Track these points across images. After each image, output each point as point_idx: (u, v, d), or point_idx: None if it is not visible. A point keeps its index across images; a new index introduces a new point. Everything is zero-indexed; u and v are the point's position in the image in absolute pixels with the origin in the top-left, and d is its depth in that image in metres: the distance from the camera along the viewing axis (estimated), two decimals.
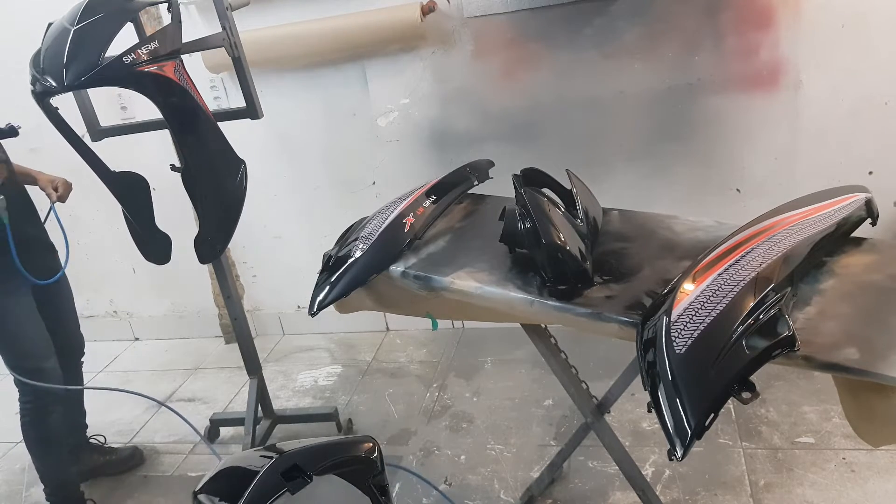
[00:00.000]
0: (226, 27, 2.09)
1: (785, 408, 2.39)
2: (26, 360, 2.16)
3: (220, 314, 3.46)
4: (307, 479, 1.26)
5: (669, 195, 2.73)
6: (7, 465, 2.77)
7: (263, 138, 2.97)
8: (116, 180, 2.10)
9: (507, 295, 1.53)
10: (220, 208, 2.14)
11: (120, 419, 2.96)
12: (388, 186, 2.96)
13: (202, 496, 1.31)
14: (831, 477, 2.08)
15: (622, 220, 1.79)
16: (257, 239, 3.25)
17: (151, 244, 2.22)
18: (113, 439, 2.74)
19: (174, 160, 2.14)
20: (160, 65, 1.88)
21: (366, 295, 1.75)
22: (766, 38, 2.48)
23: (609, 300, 1.45)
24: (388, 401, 2.82)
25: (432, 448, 2.49)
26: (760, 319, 1.18)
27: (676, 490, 2.12)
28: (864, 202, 1.51)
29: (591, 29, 2.58)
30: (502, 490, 2.25)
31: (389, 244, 1.71)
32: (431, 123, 2.87)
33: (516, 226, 1.59)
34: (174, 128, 2.01)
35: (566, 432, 2.39)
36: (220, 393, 3.08)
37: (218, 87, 2.96)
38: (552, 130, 2.76)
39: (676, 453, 1.11)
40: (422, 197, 1.84)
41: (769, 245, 1.33)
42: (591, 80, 2.65)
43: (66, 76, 1.76)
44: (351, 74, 2.85)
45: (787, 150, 2.61)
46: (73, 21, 1.80)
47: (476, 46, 2.70)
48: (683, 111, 2.64)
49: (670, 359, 1.16)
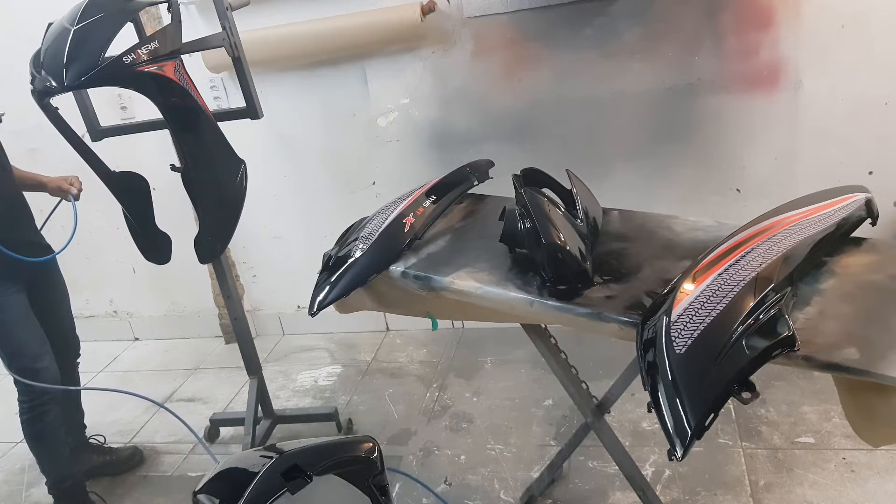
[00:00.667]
0: (226, 27, 2.09)
1: (785, 408, 2.39)
2: (22, 359, 2.16)
3: (220, 314, 3.46)
4: (307, 479, 1.26)
5: (669, 195, 2.73)
6: (7, 465, 2.77)
7: (263, 138, 2.97)
8: (116, 180, 2.10)
9: (507, 295, 1.53)
10: (220, 208, 2.14)
11: (120, 419, 2.96)
12: (388, 186, 2.96)
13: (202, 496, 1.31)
14: (831, 477, 2.08)
15: (622, 220, 1.79)
16: (257, 239, 3.25)
17: (151, 244, 2.22)
18: (113, 439, 2.74)
19: (174, 160, 2.14)
20: (160, 65, 1.88)
21: (366, 295, 1.75)
22: (766, 38, 2.48)
23: (609, 300, 1.45)
24: (388, 401, 2.82)
25: (432, 448, 2.49)
26: (760, 319, 1.18)
27: (676, 490, 2.12)
28: (864, 202, 1.51)
29: (591, 29, 2.58)
30: (502, 490, 2.25)
31: (389, 244, 1.71)
32: (431, 123, 2.87)
33: (516, 226, 1.59)
34: (174, 128, 2.01)
35: (566, 432, 2.40)
36: (220, 393, 3.08)
37: (218, 87, 2.96)
38: (552, 130, 2.76)
39: (676, 453, 1.11)
40: (422, 197, 1.84)
41: (769, 245, 1.33)
42: (591, 80, 2.65)
43: (66, 76, 1.75)
44: (351, 74, 2.85)
45: (787, 150, 2.61)
46: (73, 21, 1.80)
47: (476, 46, 2.70)
48: (683, 111, 2.64)
49: (670, 359, 1.16)
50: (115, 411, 3.00)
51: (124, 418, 2.97)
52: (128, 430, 2.89)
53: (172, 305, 3.58)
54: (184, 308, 3.57)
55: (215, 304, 3.46)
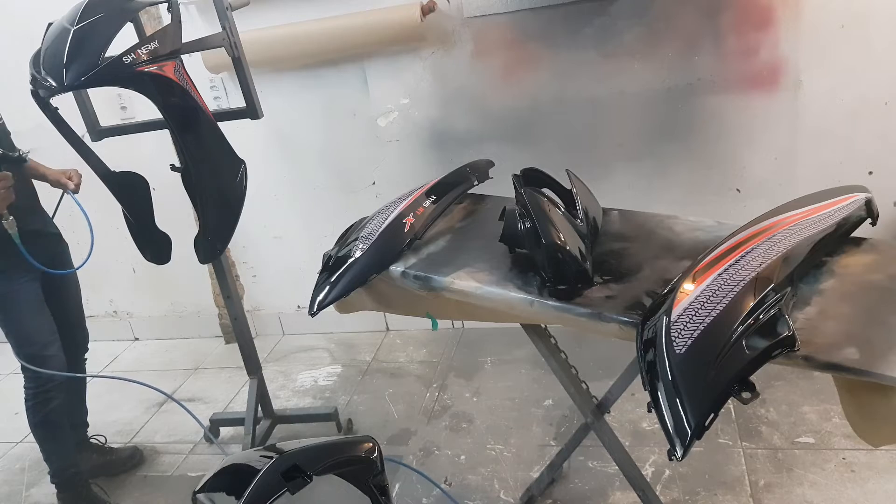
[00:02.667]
0: (226, 27, 2.09)
1: (785, 408, 2.39)
2: (30, 346, 2.20)
3: (220, 314, 3.46)
4: (307, 479, 1.26)
5: (669, 195, 2.73)
6: (7, 465, 2.77)
7: (263, 138, 2.97)
8: (116, 180, 2.10)
9: (507, 295, 1.53)
10: (220, 208, 2.14)
11: (120, 419, 2.96)
12: (388, 186, 2.96)
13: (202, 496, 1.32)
14: (831, 477, 2.08)
15: (622, 220, 1.79)
16: (257, 239, 3.25)
17: (151, 244, 2.22)
18: (113, 439, 2.74)
19: (174, 160, 2.14)
20: (160, 65, 1.87)
21: (366, 295, 1.75)
22: (766, 38, 2.48)
23: (609, 300, 1.45)
24: (388, 401, 2.82)
25: (432, 448, 2.49)
26: (760, 319, 1.18)
27: (676, 490, 2.12)
28: (864, 202, 1.51)
29: (591, 29, 2.58)
30: (502, 490, 2.25)
31: (389, 244, 1.71)
32: (431, 123, 2.87)
33: (516, 226, 1.58)
34: (174, 128, 2.01)
35: (566, 432, 2.39)
36: (220, 393, 3.08)
37: (218, 87, 2.96)
38: (552, 130, 2.76)
39: (676, 453, 1.11)
40: (422, 197, 1.84)
41: (769, 245, 1.33)
42: (591, 80, 2.65)
43: (66, 76, 1.75)
44: (351, 74, 2.85)
45: (787, 150, 2.61)
46: (73, 21, 1.80)
47: (476, 46, 2.70)
48: (683, 111, 2.64)
49: (670, 359, 1.16)
50: (115, 411, 3.00)
51: (124, 418, 2.97)
52: (128, 430, 2.89)
53: (172, 305, 3.58)
54: (184, 308, 3.57)
55: (215, 304, 3.46)
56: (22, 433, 2.78)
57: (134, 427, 2.91)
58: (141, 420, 2.95)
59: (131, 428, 2.91)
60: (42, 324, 2.24)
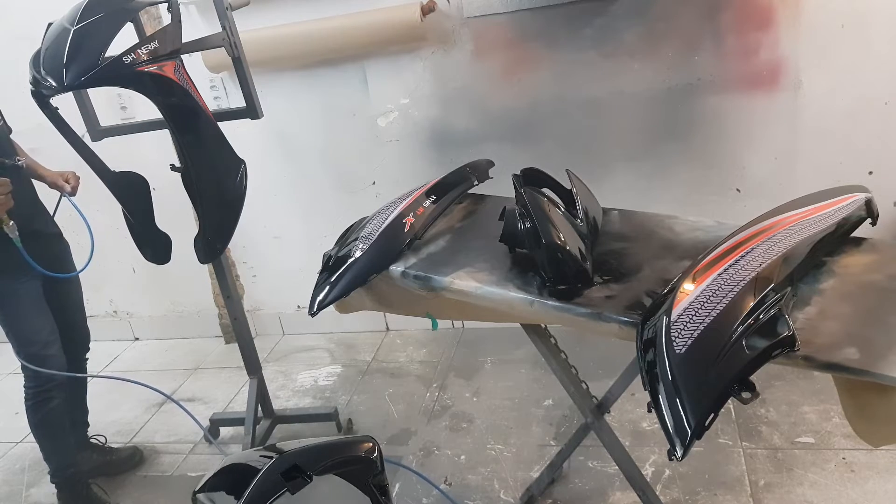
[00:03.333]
0: (226, 27, 2.09)
1: (785, 408, 2.39)
2: (31, 345, 2.20)
3: (220, 314, 3.46)
4: (307, 479, 1.26)
5: (669, 195, 2.73)
6: (7, 465, 2.77)
7: (263, 138, 2.97)
8: (116, 180, 2.10)
9: (507, 295, 1.53)
10: (220, 208, 2.14)
11: (120, 419, 2.96)
12: (388, 186, 2.96)
13: (202, 496, 1.32)
14: (831, 477, 2.08)
15: (622, 220, 1.79)
16: (257, 239, 3.25)
17: (151, 244, 2.22)
18: (113, 439, 2.74)
19: (174, 160, 2.14)
20: (160, 65, 1.88)
21: (366, 295, 1.75)
22: (766, 38, 2.48)
23: (609, 300, 1.45)
24: (388, 401, 2.82)
25: (432, 448, 2.49)
26: (760, 319, 1.18)
27: (676, 490, 2.12)
28: (864, 202, 1.51)
29: (591, 29, 2.58)
30: (502, 490, 2.25)
31: (389, 244, 1.71)
32: (431, 123, 2.87)
33: (516, 226, 1.59)
34: (174, 128, 2.01)
35: (566, 432, 2.39)
36: (220, 393, 3.08)
37: (218, 87, 2.96)
38: (552, 130, 2.76)
39: (676, 453, 1.11)
40: (422, 197, 1.84)
41: (769, 245, 1.33)
42: (590, 80, 2.65)
43: (66, 76, 1.75)
44: (351, 74, 2.85)
45: (787, 150, 2.61)
46: (73, 21, 1.80)
47: (476, 46, 2.70)
48: (683, 111, 2.64)
49: (670, 359, 1.16)
50: (115, 411, 3.00)
51: (124, 418, 2.97)
52: (128, 430, 2.89)
53: (172, 305, 3.58)
54: (184, 308, 3.57)
55: (215, 304, 3.46)
56: (22, 433, 2.77)
57: (134, 427, 2.91)
58: (141, 420, 2.95)
59: (131, 428, 2.91)
60: (42, 323, 2.24)
